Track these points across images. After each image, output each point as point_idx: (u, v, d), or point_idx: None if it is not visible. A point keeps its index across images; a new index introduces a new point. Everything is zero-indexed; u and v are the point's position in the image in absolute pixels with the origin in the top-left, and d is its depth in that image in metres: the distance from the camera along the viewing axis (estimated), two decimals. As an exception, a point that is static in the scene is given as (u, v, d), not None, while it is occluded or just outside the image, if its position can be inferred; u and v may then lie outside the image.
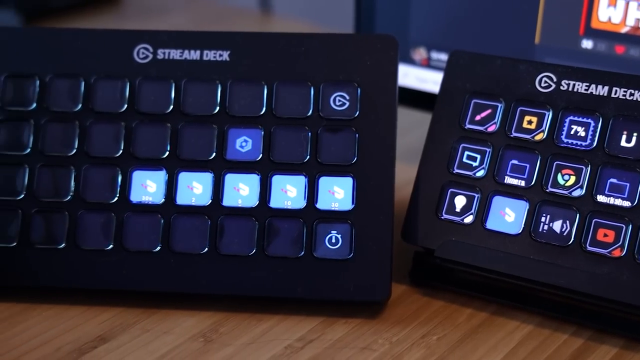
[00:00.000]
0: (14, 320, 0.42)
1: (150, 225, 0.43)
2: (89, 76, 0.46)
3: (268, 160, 0.44)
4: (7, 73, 0.46)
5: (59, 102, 0.45)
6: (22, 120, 0.45)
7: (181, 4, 1.01)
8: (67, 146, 0.45)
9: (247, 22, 0.91)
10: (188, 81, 0.45)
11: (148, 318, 0.42)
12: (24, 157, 0.45)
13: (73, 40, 0.46)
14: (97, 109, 0.45)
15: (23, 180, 0.44)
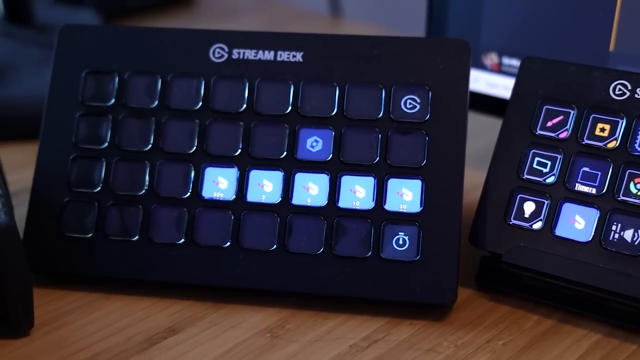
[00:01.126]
0: (88, 309, 0.42)
1: (221, 221, 0.43)
2: (165, 74, 0.46)
3: (338, 161, 0.44)
4: (88, 69, 0.46)
5: (137, 98, 0.46)
6: (100, 115, 0.46)
7: (253, 6, 1.01)
8: (143, 141, 0.45)
9: (317, 26, 0.91)
10: (261, 81, 0.45)
11: (216, 312, 0.42)
12: (102, 151, 0.45)
13: (151, 39, 0.47)
14: (172, 106, 0.46)
15: (100, 174, 0.45)
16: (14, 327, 0.40)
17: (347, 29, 0.92)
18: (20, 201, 0.47)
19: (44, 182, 0.45)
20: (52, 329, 0.41)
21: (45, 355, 0.39)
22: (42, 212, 0.44)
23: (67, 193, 0.45)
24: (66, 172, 0.45)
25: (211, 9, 0.98)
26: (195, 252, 0.43)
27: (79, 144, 0.45)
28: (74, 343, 0.40)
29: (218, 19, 0.93)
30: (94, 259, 0.44)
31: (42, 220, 0.44)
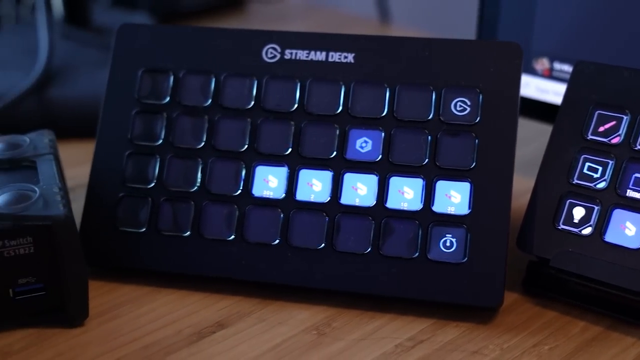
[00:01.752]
0: (139, 302, 0.43)
1: (270, 219, 0.44)
2: (219, 73, 0.46)
3: (387, 162, 0.44)
4: (144, 68, 0.47)
5: (191, 97, 0.46)
6: (155, 113, 0.46)
7: (301, 11, 1.02)
8: (196, 139, 0.45)
9: (365, 30, 0.91)
10: (313, 81, 0.45)
11: (264, 308, 0.42)
12: (156, 147, 0.46)
13: (206, 39, 0.47)
14: (225, 105, 0.46)
15: (154, 170, 0.45)
16: (70, 316, 0.40)
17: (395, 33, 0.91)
18: (77, 196, 0.48)
19: (100, 177, 0.46)
20: (105, 320, 0.41)
21: (99, 345, 0.39)
22: (98, 206, 0.45)
23: (122, 188, 0.45)
24: (121, 168, 0.46)
25: (261, 13, 0.99)
26: (244, 248, 0.43)
27: (134, 141, 0.46)
28: (126, 334, 0.40)
29: (267, 24, 0.94)
30: (146, 253, 0.44)
31: (98, 215, 0.45)
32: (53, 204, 0.39)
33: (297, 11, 1.01)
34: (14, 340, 0.40)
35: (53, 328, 0.40)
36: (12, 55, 0.71)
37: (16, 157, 0.43)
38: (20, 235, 0.38)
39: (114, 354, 0.39)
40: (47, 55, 0.65)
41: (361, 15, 0.97)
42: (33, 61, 0.65)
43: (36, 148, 0.44)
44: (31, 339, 0.40)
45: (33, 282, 0.39)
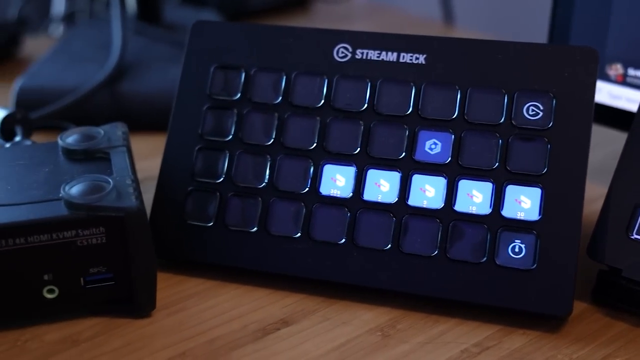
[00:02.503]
0: (205, 295, 0.42)
1: (337, 217, 0.43)
2: (290, 71, 0.46)
3: (456, 164, 0.42)
4: (217, 64, 0.47)
5: (261, 93, 0.46)
6: (226, 109, 0.46)
7: (366, 11, 1.01)
8: (266, 136, 0.45)
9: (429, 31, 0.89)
10: (383, 81, 0.44)
11: (328, 307, 0.42)
12: (226, 143, 0.45)
13: (278, 37, 0.46)
14: (295, 103, 0.45)
15: (223, 165, 0.45)
16: (138, 307, 0.40)
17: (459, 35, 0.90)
18: (146, 188, 0.47)
19: (170, 171, 0.45)
20: (171, 312, 0.41)
21: (165, 337, 0.39)
22: (167, 199, 0.45)
23: (191, 182, 0.45)
24: (191, 163, 0.45)
25: (326, 14, 0.98)
26: (310, 246, 0.43)
27: (204, 136, 0.46)
28: (191, 327, 0.40)
29: (332, 23, 0.93)
30: (213, 248, 0.44)
31: (167, 208, 0.45)
32: (126, 195, 0.39)
33: (361, 11, 1.01)
34: (83, 328, 0.40)
35: (121, 318, 0.40)
36: (86, 49, 0.71)
37: (91, 148, 0.43)
38: (94, 225, 0.38)
39: (180, 347, 0.39)
40: (121, 49, 0.65)
41: (425, 16, 0.96)
42: (106, 55, 0.66)
43: (110, 140, 0.44)
44: (99, 327, 0.40)
45: (103, 272, 0.39)
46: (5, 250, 0.37)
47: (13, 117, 0.51)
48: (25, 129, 0.51)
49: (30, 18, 0.89)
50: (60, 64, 0.68)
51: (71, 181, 0.39)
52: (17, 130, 0.50)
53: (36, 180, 0.40)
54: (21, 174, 0.41)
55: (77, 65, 0.67)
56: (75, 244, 0.38)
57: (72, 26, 0.86)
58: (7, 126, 0.51)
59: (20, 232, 0.37)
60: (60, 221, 0.37)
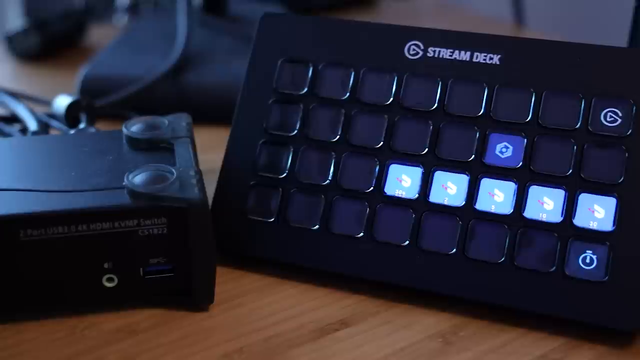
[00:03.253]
0: (264, 292, 0.42)
1: (402, 219, 0.42)
2: (359, 67, 0.45)
3: (527, 170, 0.42)
4: (284, 58, 0.46)
5: (329, 89, 0.45)
6: (292, 103, 0.46)
7: (434, 10, 1.00)
8: (331, 132, 0.45)
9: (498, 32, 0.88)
10: (455, 81, 0.44)
11: (389, 310, 0.41)
12: (290, 138, 0.45)
13: (348, 32, 0.46)
14: (363, 100, 0.45)
15: (287, 160, 0.45)
16: (196, 301, 0.40)
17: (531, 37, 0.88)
18: (208, 181, 0.47)
19: (232, 164, 0.46)
20: (229, 307, 0.41)
21: (223, 332, 0.39)
22: (229, 193, 0.45)
23: (254, 177, 0.45)
24: (254, 157, 0.45)
25: (392, 12, 0.97)
26: (373, 247, 0.42)
27: (268, 130, 0.46)
28: (249, 324, 0.40)
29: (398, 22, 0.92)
30: (273, 244, 0.43)
31: (228, 201, 0.45)
32: (189, 187, 0.39)
33: (429, 10, 1.00)
34: (140, 318, 0.40)
35: (178, 311, 0.40)
36: (150, 40, 0.72)
37: (155, 138, 0.43)
38: (156, 215, 0.38)
39: (237, 343, 0.39)
40: (185, 41, 0.66)
41: (495, 16, 0.94)
42: (170, 46, 0.66)
43: (174, 131, 0.44)
44: (157, 319, 0.40)
45: (163, 263, 0.39)
46: (67, 236, 0.37)
47: (78, 104, 0.52)
48: (90, 116, 0.52)
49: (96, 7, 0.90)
50: (125, 53, 0.69)
51: (135, 170, 0.39)
52: (82, 118, 0.51)
53: (99, 168, 0.41)
54: (84, 161, 0.42)
55: (141, 55, 0.68)
56: (137, 233, 0.38)
57: (136, 16, 0.87)
58: (72, 113, 0.52)
59: (83, 219, 0.37)
60: (123, 210, 0.38)
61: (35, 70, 0.76)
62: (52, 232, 0.37)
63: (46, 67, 0.76)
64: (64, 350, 0.38)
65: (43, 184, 0.39)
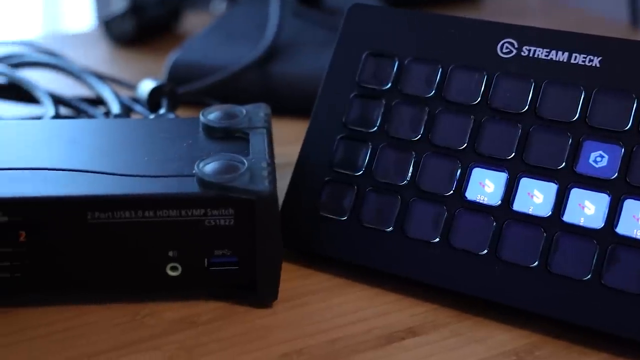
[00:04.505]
0: (331, 293, 0.42)
1: (481, 226, 0.41)
2: (447, 63, 0.44)
3: (623, 182, 0.39)
4: (370, 50, 0.46)
5: (413, 85, 0.44)
6: (374, 99, 0.45)
7: (542, 8, 0.97)
8: (413, 130, 0.43)
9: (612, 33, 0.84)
10: (549, 83, 0.42)
11: (461, 322, 0.40)
12: (369, 134, 0.44)
13: (438, 26, 0.45)
14: (449, 98, 0.43)
15: (364, 157, 0.44)
16: (260, 296, 0.40)
17: None
18: (284, 174, 0.47)
19: (308, 158, 0.45)
20: (294, 305, 0.41)
21: (284, 331, 0.39)
22: (302, 187, 0.44)
23: (329, 172, 0.44)
24: (331, 152, 0.44)
25: (497, 9, 0.95)
26: (448, 254, 0.41)
27: (348, 125, 0.45)
28: (313, 324, 0.39)
29: (503, 20, 0.89)
30: (344, 243, 0.43)
31: (301, 196, 0.44)
32: (259, 179, 0.38)
33: (537, 8, 0.97)
34: (202, 310, 0.40)
35: (241, 305, 0.40)
36: (243, 28, 0.72)
37: (231, 127, 0.43)
38: (223, 206, 0.38)
39: (298, 343, 0.38)
40: (276, 31, 0.66)
41: (609, 17, 0.90)
42: (262, 36, 0.66)
43: (251, 120, 0.44)
44: (219, 312, 0.40)
45: (228, 255, 0.39)
46: (133, 221, 0.37)
47: (160, 89, 0.52)
48: (172, 102, 0.52)
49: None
50: (216, 40, 0.70)
51: (206, 158, 0.39)
52: (163, 103, 0.52)
53: (172, 155, 0.41)
54: (159, 147, 0.42)
55: (233, 43, 0.69)
56: (203, 223, 0.38)
57: (234, 4, 0.88)
58: (154, 98, 0.52)
59: (149, 205, 0.37)
60: (190, 198, 0.38)
61: (130, 54, 0.78)
62: (119, 216, 0.37)
63: (140, 52, 0.78)
64: (122, 335, 0.38)
65: (115, 167, 0.39)
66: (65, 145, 0.42)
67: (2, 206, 0.36)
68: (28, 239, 0.37)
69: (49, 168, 0.39)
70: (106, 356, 0.37)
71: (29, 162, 0.39)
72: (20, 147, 0.42)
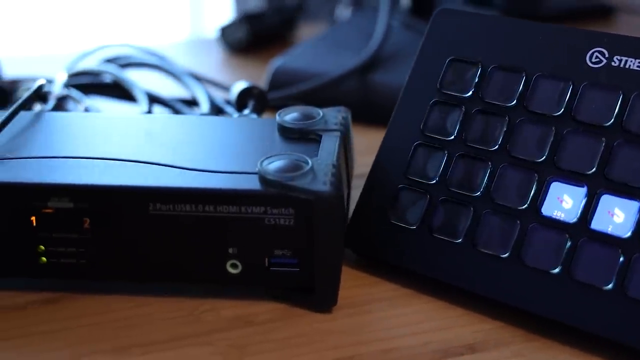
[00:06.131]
0: (394, 303, 0.41)
1: (555, 243, 0.39)
2: (532, 72, 0.42)
3: None
4: (453, 56, 0.45)
5: (495, 93, 0.43)
6: (454, 106, 0.44)
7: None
8: (490, 140, 0.42)
9: None
10: (639, 95, 0.39)
11: (525, 343, 0.38)
12: (446, 142, 0.43)
13: (526, 33, 0.43)
14: (530, 108, 0.42)
15: (439, 166, 0.43)
16: (318, 299, 0.39)
17: None
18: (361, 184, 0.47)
19: (383, 164, 0.44)
20: (354, 312, 0.40)
21: (339, 337, 0.38)
22: (375, 193, 0.44)
23: (403, 179, 0.43)
24: (406, 158, 0.44)
25: (630, 25, 0.91)
26: (518, 271, 0.39)
27: (425, 132, 0.44)
28: (370, 332, 0.39)
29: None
30: (413, 253, 0.42)
31: (373, 202, 0.44)
32: (321, 179, 0.38)
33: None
34: (259, 310, 0.40)
35: (299, 308, 0.40)
36: (351, 39, 0.73)
37: (305, 128, 0.43)
38: (283, 205, 0.38)
39: (350, 350, 0.37)
40: (380, 40, 0.66)
41: None
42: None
43: (326, 123, 0.44)
44: (276, 313, 0.40)
45: (288, 256, 0.39)
46: (194, 215, 0.38)
47: (249, 91, 0.53)
48: (259, 104, 0.53)
49: (310, 5, 0.92)
50: (321, 49, 0.70)
51: (271, 157, 0.39)
52: (249, 104, 0.53)
53: (242, 152, 0.41)
54: (231, 144, 0.43)
55: (337, 52, 0.69)
56: (263, 221, 0.38)
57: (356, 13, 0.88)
58: (242, 99, 0.53)
59: (209, 200, 0.38)
60: (249, 195, 0.38)
61: (241, 61, 0.80)
62: (180, 209, 0.38)
63: (252, 59, 0.80)
64: (177, 328, 0.39)
65: (182, 161, 0.40)
66: (140, 139, 0.43)
67: (69, 192, 0.38)
68: (92, 226, 0.39)
69: (117, 158, 0.40)
70: (157, 347, 0.37)
71: (101, 153, 0.41)
72: (97, 139, 0.43)
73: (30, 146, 0.42)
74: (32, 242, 0.39)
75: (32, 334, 0.39)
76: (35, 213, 0.39)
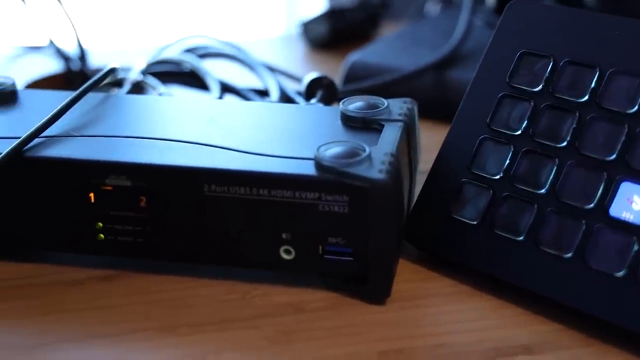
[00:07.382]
0: (451, 299, 0.40)
1: (621, 246, 0.37)
2: (606, 67, 0.41)
3: None
4: (525, 49, 0.43)
5: (566, 88, 0.41)
6: (523, 100, 0.42)
7: None
8: (559, 136, 0.41)
9: None
10: None
11: (584, 347, 0.36)
12: (513, 137, 0.42)
13: (603, 27, 0.42)
14: (603, 104, 0.40)
15: (504, 161, 0.41)
16: (371, 290, 0.39)
17: None
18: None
19: (448, 156, 0.43)
20: (407, 306, 0.39)
21: (389, 329, 0.38)
22: (438, 187, 0.43)
23: (466, 174, 0.42)
24: (471, 152, 0.43)
25: None
26: (581, 272, 0.38)
27: (491, 126, 0.43)
28: (422, 327, 0.38)
29: None
30: (473, 250, 0.41)
31: (435, 196, 0.43)
32: (376, 167, 0.38)
33: None
34: (311, 298, 0.40)
35: (353, 298, 0.39)
36: (432, 36, 0.71)
37: (367, 117, 0.43)
38: (337, 191, 0.37)
39: (399, 343, 0.37)
40: (460, 38, 0.64)
41: None
42: (448, 42, 0.65)
43: (390, 113, 0.43)
44: (329, 302, 0.39)
45: (342, 245, 0.39)
46: (248, 198, 0.38)
47: (319, 81, 0.53)
48: (328, 95, 0.53)
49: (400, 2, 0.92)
50: (400, 45, 0.69)
51: (329, 143, 0.39)
52: (318, 94, 0.52)
53: (302, 138, 0.41)
54: (292, 131, 0.43)
55: (416, 49, 0.68)
56: (317, 207, 0.38)
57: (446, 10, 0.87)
58: (311, 89, 0.53)
59: (264, 183, 0.38)
60: (303, 179, 0.38)
61: (322, 56, 0.80)
62: (234, 192, 0.38)
63: (332, 55, 0.79)
64: (228, 311, 0.39)
65: (239, 144, 0.40)
66: (203, 122, 0.43)
67: (126, 170, 0.39)
68: (149, 205, 0.39)
69: (177, 139, 0.40)
70: (204, 328, 0.38)
71: (162, 134, 0.41)
72: (160, 120, 0.44)
73: (96, 125, 0.43)
74: (91, 218, 0.40)
75: (89, 308, 0.39)
76: (94, 190, 0.39)
